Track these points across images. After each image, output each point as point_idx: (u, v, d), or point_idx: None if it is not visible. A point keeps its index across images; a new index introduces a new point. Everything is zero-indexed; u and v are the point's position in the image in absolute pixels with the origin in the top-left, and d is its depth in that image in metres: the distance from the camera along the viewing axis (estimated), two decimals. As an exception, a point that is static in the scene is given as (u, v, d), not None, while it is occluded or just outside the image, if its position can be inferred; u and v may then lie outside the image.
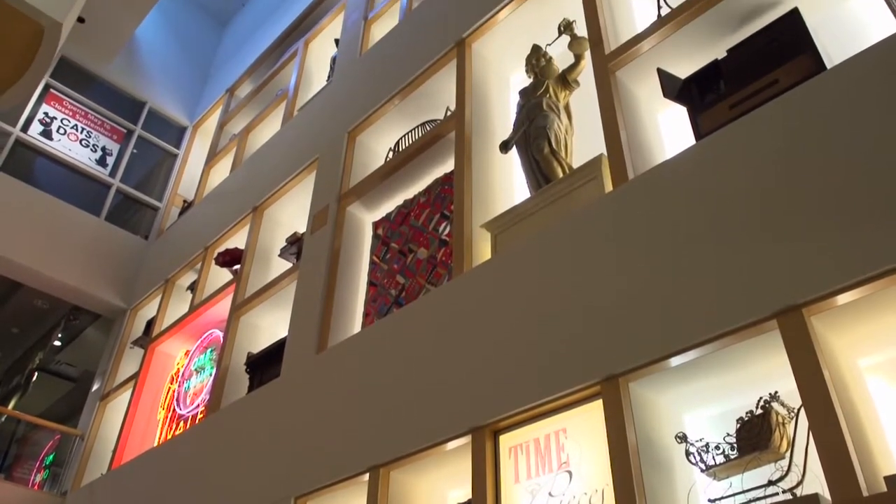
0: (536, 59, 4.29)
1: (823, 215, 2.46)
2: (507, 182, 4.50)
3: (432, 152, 4.90)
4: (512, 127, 4.30)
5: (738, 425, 2.51)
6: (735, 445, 2.48)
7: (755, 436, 2.42)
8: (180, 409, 6.70)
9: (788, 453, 2.37)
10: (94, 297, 8.49)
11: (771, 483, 2.34)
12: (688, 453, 2.60)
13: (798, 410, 2.38)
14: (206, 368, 6.65)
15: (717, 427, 2.74)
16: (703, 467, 2.54)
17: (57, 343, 11.19)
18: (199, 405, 6.39)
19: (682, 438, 2.62)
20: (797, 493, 2.27)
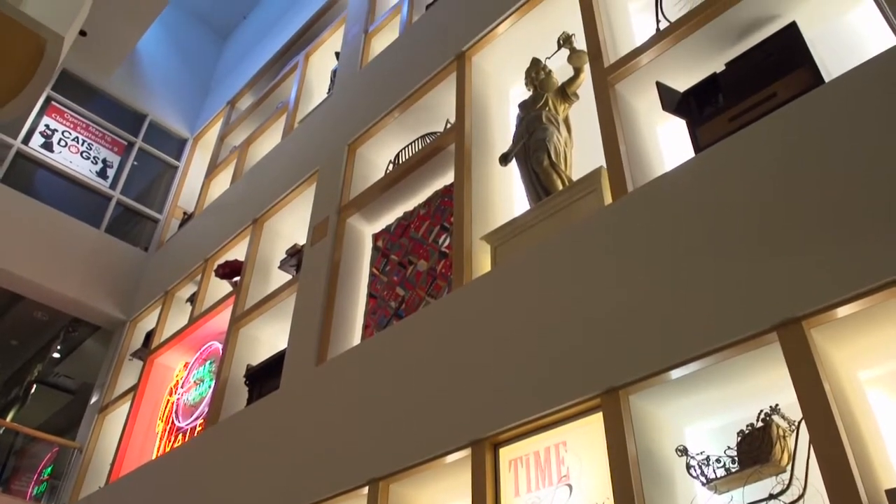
0: (536, 72, 4.32)
1: (822, 228, 2.46)
2: (506, 194, 4.51)
3: (432, 164, 4.92)
4: (511, 139, 4.31)
5: (739, 438, 2.50)
6: (736, 458, 2.47)
7: (756, 449, 2.41)
8: (179, 422, 6.68)
9: (789, 466, 2.36)
10: (93, 309, 8.49)
11: (772, 497, 2.33)
12: (688, 466, 2.59)
13: (799, 423, 2.38)
14: (206, 380, 6.64)
15: (718, 440, 2.73)
16: (704, 481, 2.53)
17: (56, 355, 11.16)
18: (197, 417, 6.37)
19: (683, 451, 2.61)
20: (798, 506, 2.27)
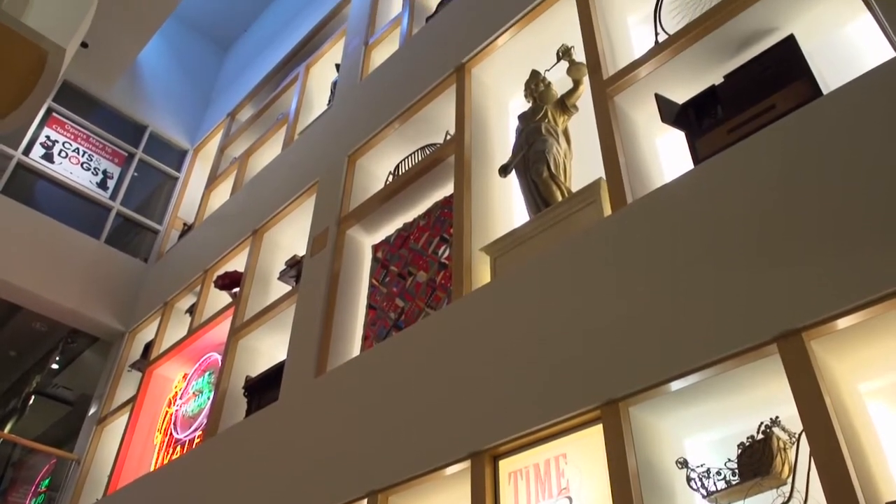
0: (535, 84, 4.33)
1: (822, 239, 2.46)
2: (506, 206, 4.52)
3: (432, 176, 4.92)
4: (511, 151, 4.33)
5: (740, 450, 2.49)
6: (736, 471, 2.46)
7: (756, 461, 2.40)
8: (177, 434, 6.65)
9: (790, 479, 2.34)
10: (92, 320, 8.46)
11: (773, 509, 2.32)
12: (689, 479, 2.58)
13: (799, 435, 2.37)
14: (204, 392, 6.61)
15: (719, 452, 2.72)
16: (705, 493, 2.51)
17: (54, 366, 11.12)
18: (196, 429, 6.34)
19: (683, 464, 2.60)
20: (799, 519, 2.26)
